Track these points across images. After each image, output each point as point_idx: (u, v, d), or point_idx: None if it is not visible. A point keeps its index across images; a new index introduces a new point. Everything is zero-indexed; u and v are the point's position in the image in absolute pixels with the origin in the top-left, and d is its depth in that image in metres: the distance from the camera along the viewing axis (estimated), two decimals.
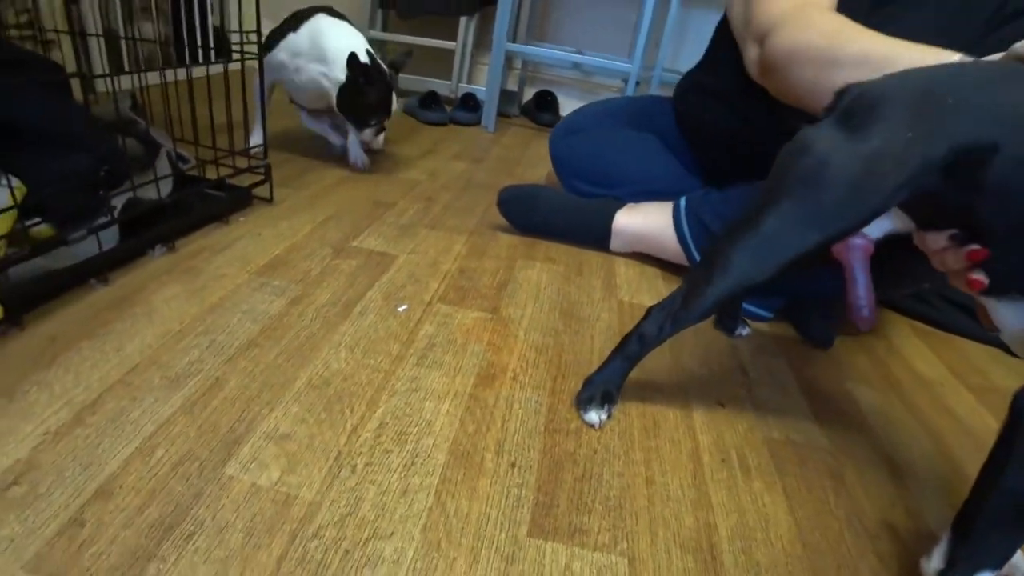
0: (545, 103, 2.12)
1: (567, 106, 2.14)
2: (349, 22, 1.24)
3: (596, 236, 1.05)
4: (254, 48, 0.99)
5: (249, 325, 0.71)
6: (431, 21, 2.05)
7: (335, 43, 1.15)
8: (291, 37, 1.19)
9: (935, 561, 0.46)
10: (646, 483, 0.57)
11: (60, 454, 0.50)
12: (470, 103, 1.97)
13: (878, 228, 0.57)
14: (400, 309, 0.79)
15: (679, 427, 0.66)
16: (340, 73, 1.15)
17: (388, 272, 0.88)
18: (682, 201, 0.97)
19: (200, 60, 1.15)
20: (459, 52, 2.06)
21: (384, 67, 1.19)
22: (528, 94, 2.24)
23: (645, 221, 1.02)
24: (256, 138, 1.20)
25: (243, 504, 0.48)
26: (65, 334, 0.66)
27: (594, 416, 0.63)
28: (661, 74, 1.84)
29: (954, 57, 0.58)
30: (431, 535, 0.48)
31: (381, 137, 1.36)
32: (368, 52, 1.17)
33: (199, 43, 1.41)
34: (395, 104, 1.23)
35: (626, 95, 1.77)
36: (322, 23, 1.18)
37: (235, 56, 0.98)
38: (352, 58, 1.11)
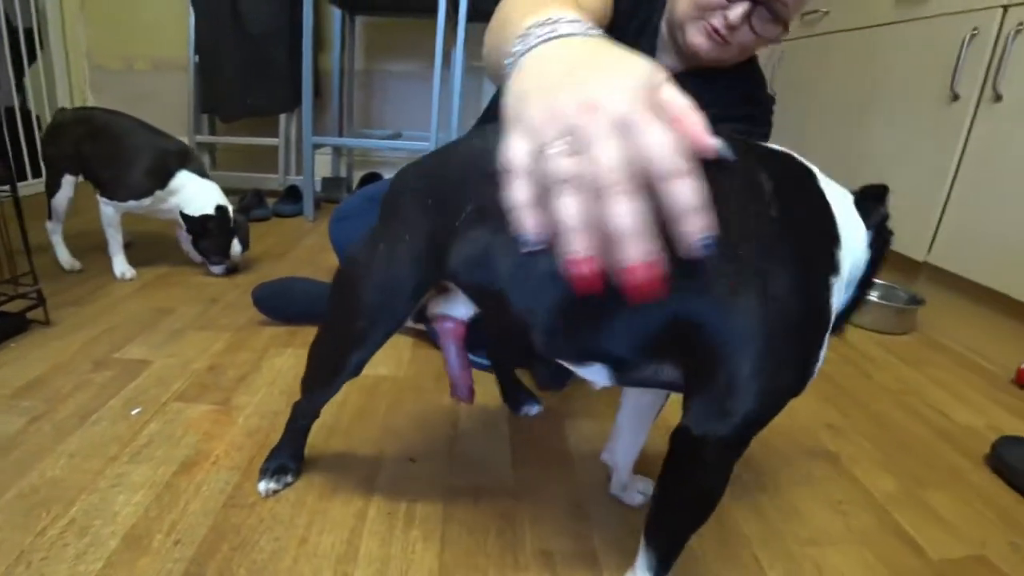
0: None
1: None
2: (205, 172, 1.43)
3: None
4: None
5: None
6: (254, 120, 2.23)
7: (191, 206, 1.37)
8: (158, 194, 1.37)
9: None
10: (299, 544, 0.68)
11: None
12: (294, 195, 2.13)
13: (465, 310, 0.68)
14: (133, 413, 0.92)
15: (358, 487, 0.78)
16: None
17: (138, 379, 1.01)
18: None
19: None
20: (282, 147, 2.24)
21: (230, 218, 1.42)
22: (357, 178, 2.43)
23: None
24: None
25: None
26: None
27: (263, 486, 0.76)
28: None
29: (551, 9, 0.46)
30: None
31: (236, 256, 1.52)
32: (219, 206, 1.39)
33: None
34: (236, 248, 1.46)
35: None
36: (187, 186, 1.38)
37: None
38: (198, 219, 1.37)
